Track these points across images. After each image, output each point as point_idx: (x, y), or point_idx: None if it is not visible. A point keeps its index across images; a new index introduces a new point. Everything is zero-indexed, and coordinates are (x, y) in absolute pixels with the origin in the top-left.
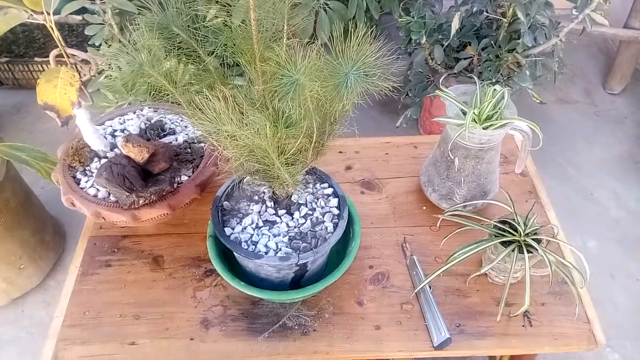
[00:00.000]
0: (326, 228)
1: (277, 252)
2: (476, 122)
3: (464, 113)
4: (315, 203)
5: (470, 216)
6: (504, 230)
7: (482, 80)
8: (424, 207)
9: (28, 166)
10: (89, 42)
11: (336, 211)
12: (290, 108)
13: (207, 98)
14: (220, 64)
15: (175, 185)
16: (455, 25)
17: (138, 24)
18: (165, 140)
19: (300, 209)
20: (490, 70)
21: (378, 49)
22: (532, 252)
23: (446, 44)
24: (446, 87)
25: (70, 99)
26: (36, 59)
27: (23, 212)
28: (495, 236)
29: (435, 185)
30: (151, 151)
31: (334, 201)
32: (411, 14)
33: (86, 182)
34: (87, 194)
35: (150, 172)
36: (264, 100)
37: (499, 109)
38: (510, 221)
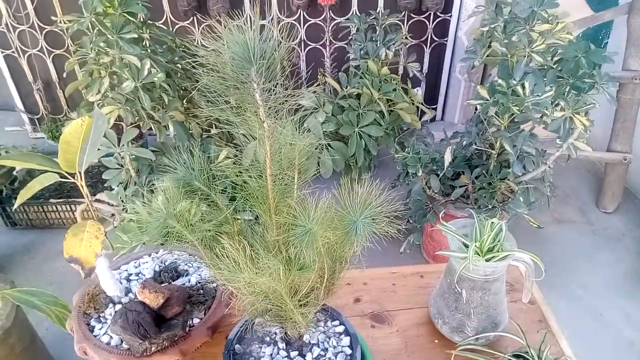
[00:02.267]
0: None
1: None
2: (479, 255)
3: (466, 246)
4: (327, 342)
5: (483, 350)
6: None
7: (479, 207)
8: (436, 341)
9: (39, 311)
10: (105, 185)
11: (349, 351)
12: (304, 254)
13: (223, 244)
14: (230, 200)
15: (187, 329)
16: (448, 158)
17: (161, 179)
18: (179, 282)
19: (312, 350)
20: (485, 197)
21: (381, 194)
22: None
23: (441, 174)
24: (445, 215)
25: (95, 251)
26: (51, 200)
27: (27, 357)
28: None
29: (445, 318)
30: (166, 296)
31: (345, 340)
32: (406, 149)
33: (100, 329)
34: (100, 342)
35: (164, 316)
36: (278, 246)
37: (499, 241)
38: (524, 355)
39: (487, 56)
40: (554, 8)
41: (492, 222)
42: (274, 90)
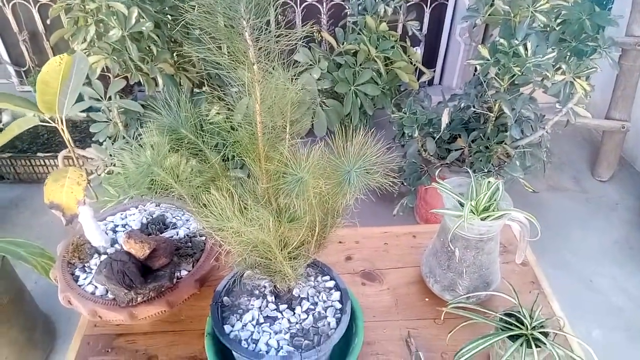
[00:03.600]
0: (329, 323)
1: (279, 351)
2: (474, 214)
3: (461, 205)
4: (317, 297)
5: (474, 309)
6: (510, 324)
7: (474, 171)
8: (427, 299)
9: (25, 262)
10: (93, 139)
11: (339, 305)
12: (294, 204)
13: (211, 194)
14: (221, 157)
15: (175, 280)
16: (445, 120)
17: (147, 126)
18: (167, 234)
19: (302, 304)
20: (481, 161)
21: (376, 144)
22: (540, 347)
23: (437, 136)
24: (441, 178)
25: (77, 197)
26: (39, 154)
27: (14, 309)
28: (502, 330)
29: (437, 276)
30: (152, 247)
31: (336, 294)
32: (403, 110)
33: (85, 279)
34: (84, 291)
35: (150, 267)
36: (268, 196)
37: (495, 200)
38: (516, 314)
39: (490, 15)
40: None
41: (489, 182)
42: (264, 29)
